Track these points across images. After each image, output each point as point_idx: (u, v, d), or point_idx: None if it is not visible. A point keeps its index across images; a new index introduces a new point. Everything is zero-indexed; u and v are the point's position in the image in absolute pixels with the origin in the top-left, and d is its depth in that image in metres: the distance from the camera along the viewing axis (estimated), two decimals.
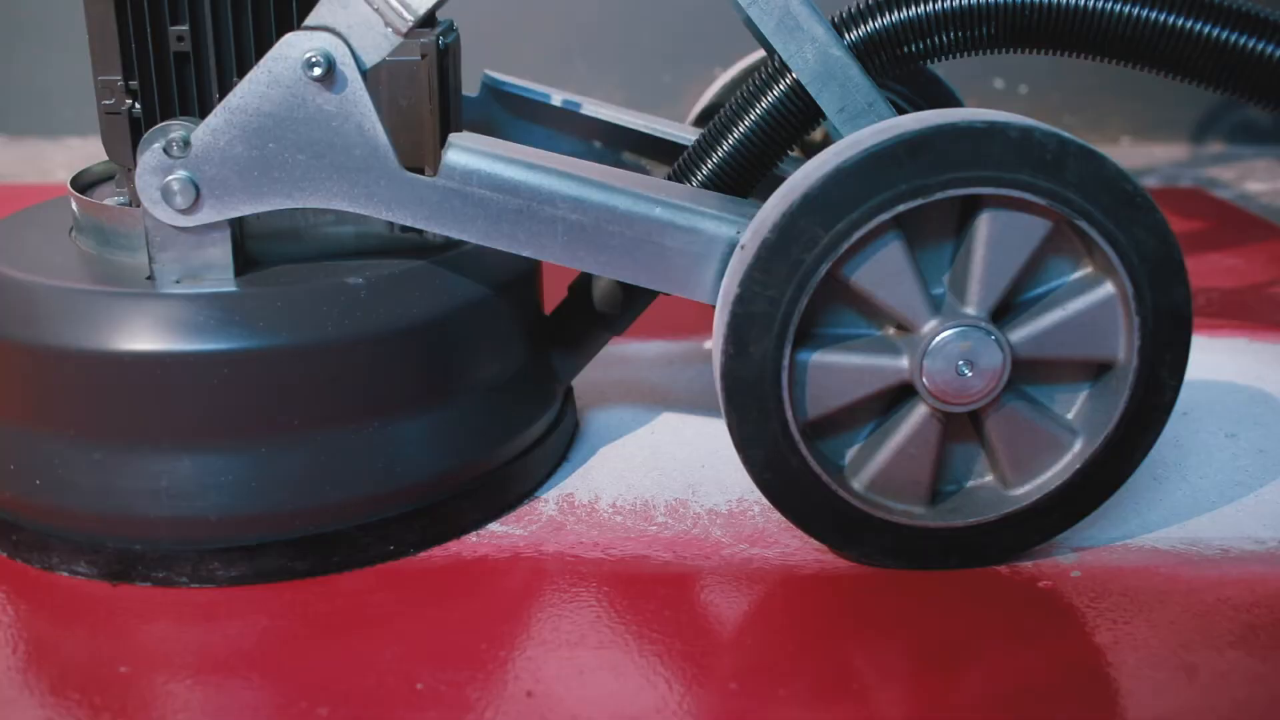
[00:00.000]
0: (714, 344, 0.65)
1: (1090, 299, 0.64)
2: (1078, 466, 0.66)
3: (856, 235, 0.62)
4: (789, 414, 0.64)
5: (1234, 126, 1.82)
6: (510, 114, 0.90)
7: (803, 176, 0.64)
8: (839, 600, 0.66)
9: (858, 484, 0.67)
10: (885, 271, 0.64)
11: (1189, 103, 1.80)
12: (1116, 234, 0.63)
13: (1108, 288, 0.64)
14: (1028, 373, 0.67)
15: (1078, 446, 0.66)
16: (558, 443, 0.79)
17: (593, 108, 0.89)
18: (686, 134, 0.88)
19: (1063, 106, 1.78)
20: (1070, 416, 0.68)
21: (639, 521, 0.73)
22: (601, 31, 1.80)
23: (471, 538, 0.71)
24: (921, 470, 0.66)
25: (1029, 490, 0.67)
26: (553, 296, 0.81)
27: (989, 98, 1.77)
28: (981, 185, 0.62)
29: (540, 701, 0.57)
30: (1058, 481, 0.66)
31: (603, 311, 0.78)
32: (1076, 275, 0.66)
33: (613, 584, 0.67)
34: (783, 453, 0.65)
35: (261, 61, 0.64)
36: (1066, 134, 0.62)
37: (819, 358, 0.65)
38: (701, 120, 0.97)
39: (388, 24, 0.64)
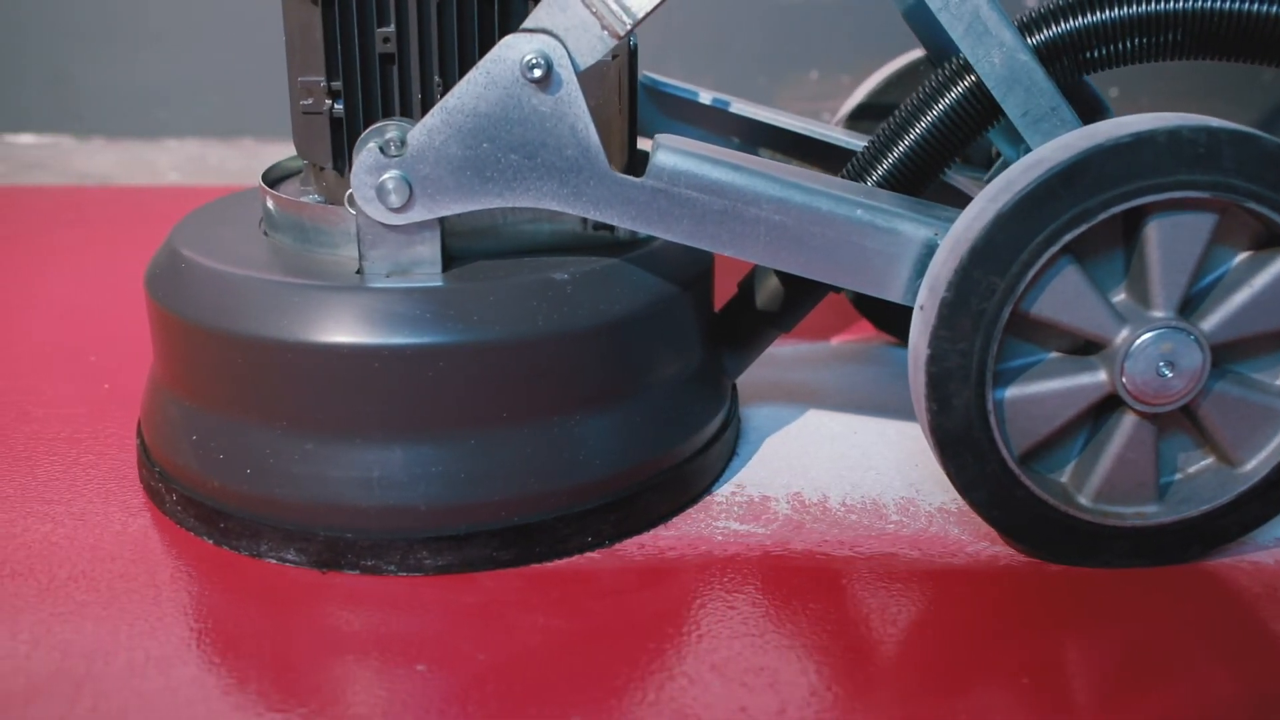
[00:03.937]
0: (915, 401, 0.67)
1: (1275, 270, 0.65)
2: None
3: (1031, 273, 0.63)
4: (1003, 453, 0.66)
5: None
6: (664, 114, 0.91)
7: (965, 228, 0.64)
8: (1097, 596, 0.66)
9: (1084, 499, 0.68)
10: (1067, 297, 0.65)
11: (1252, 106, 1.80)
12: None
13: None
14: (1226, 354, 0.67)
15: None
16: (731, 437, 0.80)
17: (748, 108, 0.91)
18: (833, 133, 0.90)
19: (1152, 110, 1.78)
20: None
21: (874, 520, 0.74)
22: (696, 33, 1.81)
23: (716, 536, 0.72)
24: (1145, 472, 0.67)
25: (1257, 465, 0.67)
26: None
27: None
28: (1142, 195, 0.62)
29: (843, 701, 0.58)
30: None
31: (767, 310, 0.79)
32: (1247, 253, 0.66)
33: (873, 580, 0.67)
34: (1006, 488, 0.66)
35: (480, 63, 0.65)
36: (1215, 122, 0.62)
37: (1018, 392, 0.66)
38: (852, 120, 0.98)
39: (604, 27, 0.66)
